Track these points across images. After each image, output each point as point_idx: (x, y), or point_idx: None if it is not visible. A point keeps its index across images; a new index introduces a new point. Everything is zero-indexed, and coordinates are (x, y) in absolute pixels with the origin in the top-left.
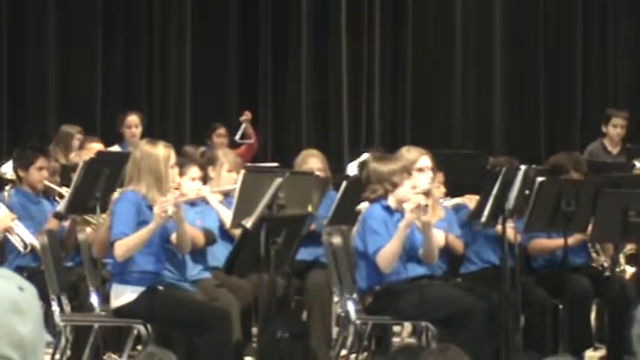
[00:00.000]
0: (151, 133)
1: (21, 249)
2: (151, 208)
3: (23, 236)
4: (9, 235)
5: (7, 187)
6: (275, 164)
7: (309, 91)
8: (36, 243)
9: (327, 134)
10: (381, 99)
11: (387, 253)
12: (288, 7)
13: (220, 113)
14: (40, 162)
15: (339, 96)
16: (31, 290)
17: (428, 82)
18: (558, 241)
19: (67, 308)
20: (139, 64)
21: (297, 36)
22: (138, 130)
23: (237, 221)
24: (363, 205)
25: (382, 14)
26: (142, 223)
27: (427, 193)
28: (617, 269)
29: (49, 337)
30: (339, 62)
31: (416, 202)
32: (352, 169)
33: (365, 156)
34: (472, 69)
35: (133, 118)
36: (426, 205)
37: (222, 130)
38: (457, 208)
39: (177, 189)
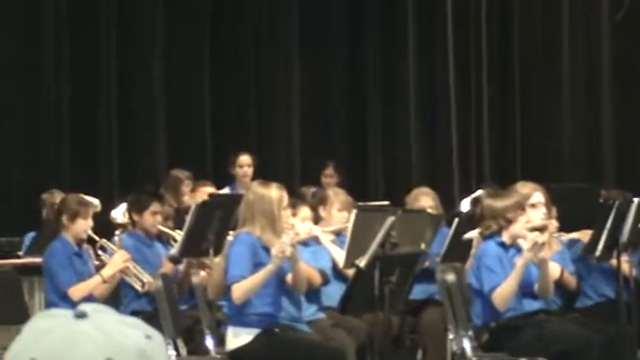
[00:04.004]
0: (262, 172)
1: (139, 288)
2: (265, 249)
3: (139, 275)
4: (125, 277)
5: (117, 232)
6: (386, 203)
7: (418, 128)
8: (152, 280)
9: (437, 171)
10: (490, 134)
11: (504, 292)
12: (395, 42)
13: (329, 151)
14: (155, 207)
15: (449, 132)
16: (157, 338)
17: (536, 116)
18: None
19: (183, 352)
20: (246, 104)
21: (405, 71)
22: (250, 170)
23: (350, 260)
24: (472, 234)
25: (489, 48)
26: (257, 264)
27: (542, 229)
28: None
29: None
30: (447, 98)
31: (533, 241)
32: (465, 205)
33: (479, 192)
34: (581, 101)
35: (245, 158)
36: (543, 243)
37: (329, 171)
38: (571, 243)
39: (292, 230)
